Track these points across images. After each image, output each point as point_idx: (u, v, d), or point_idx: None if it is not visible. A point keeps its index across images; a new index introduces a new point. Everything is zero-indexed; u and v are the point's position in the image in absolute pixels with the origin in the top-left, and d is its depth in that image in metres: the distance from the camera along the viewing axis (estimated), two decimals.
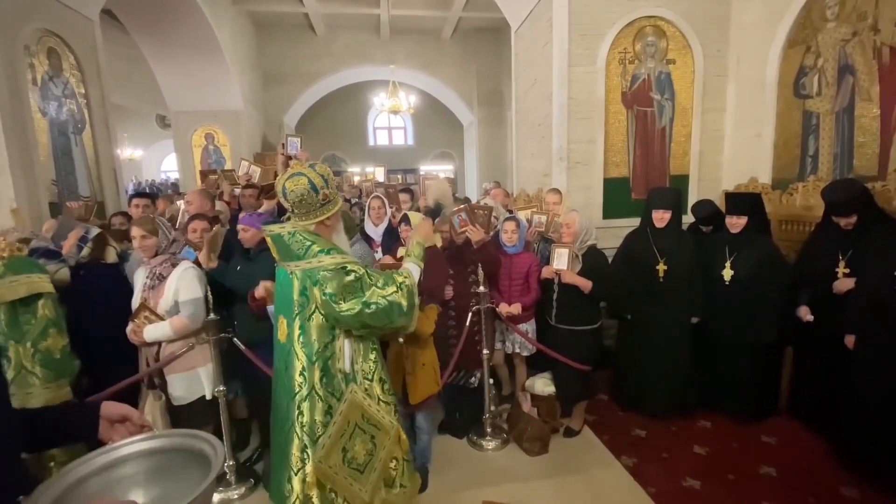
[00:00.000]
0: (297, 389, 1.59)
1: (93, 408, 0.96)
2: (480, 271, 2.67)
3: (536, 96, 4.20)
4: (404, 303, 1.63)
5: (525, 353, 3.03)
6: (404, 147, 13.68)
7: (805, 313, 2.73)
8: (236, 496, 2.43)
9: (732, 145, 3.96)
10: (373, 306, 1.57)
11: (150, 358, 2.35)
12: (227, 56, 6.94)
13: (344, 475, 1.61)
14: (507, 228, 2.97)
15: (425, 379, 2.38)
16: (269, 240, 1.67)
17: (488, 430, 2.83)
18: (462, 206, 2.94)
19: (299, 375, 1.59)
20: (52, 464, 1.98)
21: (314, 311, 1.58)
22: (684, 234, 3.07)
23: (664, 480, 2.47)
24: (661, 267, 2.89)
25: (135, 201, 3.28)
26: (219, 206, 3.47)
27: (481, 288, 2.68)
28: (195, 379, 2.36)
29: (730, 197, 3.01)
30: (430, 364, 2.40)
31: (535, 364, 3.15)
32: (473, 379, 2.79)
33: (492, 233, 3.00)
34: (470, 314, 2.67)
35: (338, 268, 1.56)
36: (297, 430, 1.58)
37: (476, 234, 2.71)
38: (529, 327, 2.99)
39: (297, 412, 1.58)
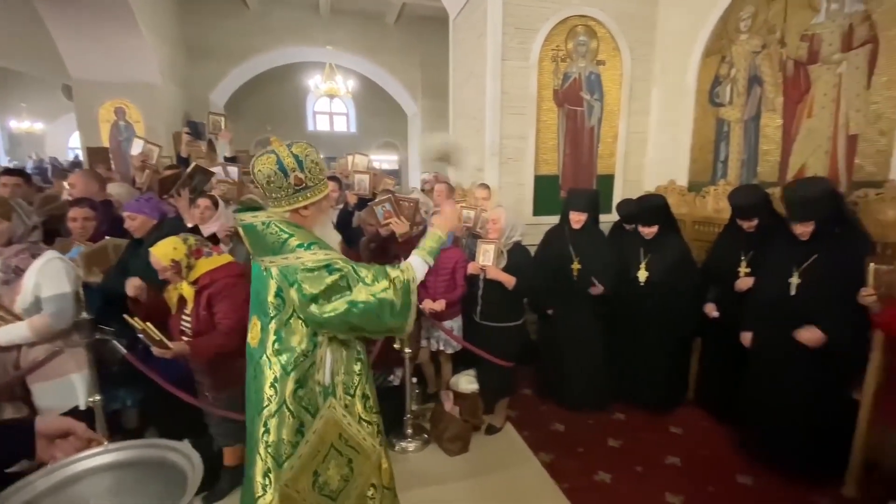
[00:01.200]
0: (265, 403, 1.39)
1: (22, 427, 0.87)
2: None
3: (472, 89, 4.13)
4: (397, 301, 1.37)
5: (450, 351, 2.97)
6: (346, 134, 13.20)
7: (711, 310, 2.89)
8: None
9: (655, 148, 4.12)
10: (360, 305, 1.34)
11: (10, 366, 2.02)
12: (140, 23, 6.24)
13: (312, 502, 1.43)
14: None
15: None
16: (240, 230, 1.43)
17: (409, 431, 2.74)
18: (387, 196, 2.80)
19: (269, 388, 1.39)
20: None
21: (292, 315, 1.38)
22: (600, 235, 3.17)
23: (578, 476, 2.51)
24: (576, 266, 2.95)
25: (2, 179, 2.81)
26: (113, 188, 3.06)
27: None
28: (68, 387, 2.07)
29: (641, 208, 3.10)
30: None
31: (462, 361, 3.10)
32: (393, 377, 2.69)
33: (420, 227, 2.90)
34: None
35: (320, 266, 1.34)
36: (261, 450, 1.39)
37: (400, 227, 2.59)
38: (455, 324, 2.93)
39: (262, 429, 1.39)
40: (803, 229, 2.19)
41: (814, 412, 2.26)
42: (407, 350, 2.61)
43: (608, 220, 3.89)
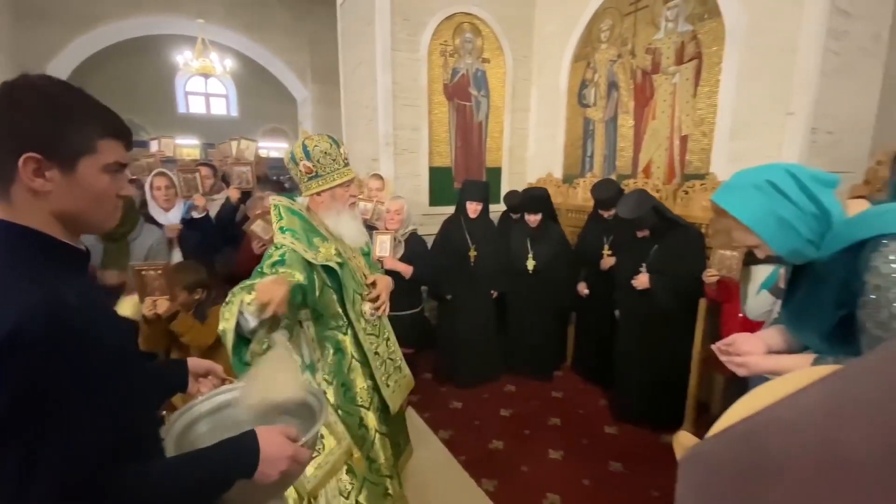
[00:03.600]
0: None
1: (183, 364, 1.09)
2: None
3: (363, 77, 4.07)
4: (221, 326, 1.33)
5: None
6: (226, 118, 12.01)
7: (582, 288, 3.30)
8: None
9: (535, 143, 4.50)
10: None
11: None
12: None
13: None
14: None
15: None
16: None
17: None
18: (261, 211, 2.65)
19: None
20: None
21: None
22: (491, 224, 3.43)
23: (474, 447, 2.70)
24: (473, 253, 3.15)
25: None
26: None
27: None
28: None
29: (527, 200, 3.39)
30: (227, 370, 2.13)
31: None
32: None
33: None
34: None
35: (274, 245, 1.49)
36: None
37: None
38: None
39: None
40: (642, 234, 2.70)
41: (661, 368, 2.74)
42: None
43: (496, 209, 4.18)
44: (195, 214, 2.95)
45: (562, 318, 3.57)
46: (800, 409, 0.42)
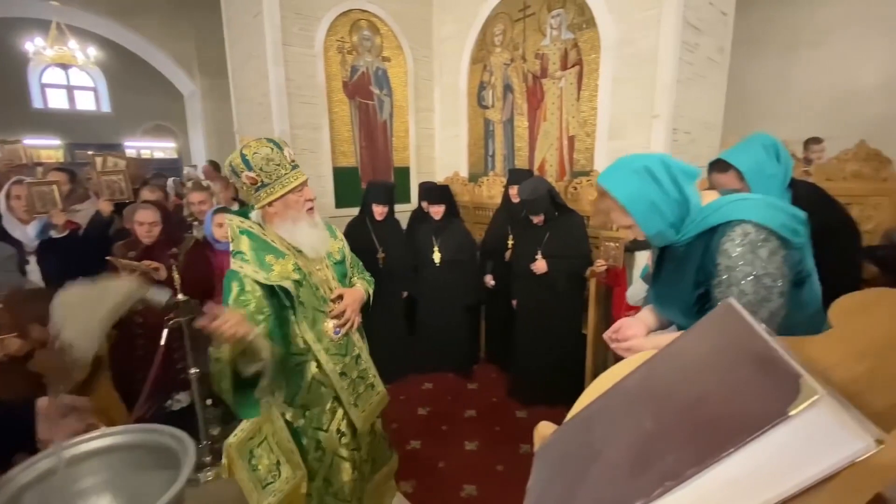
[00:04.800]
0: None
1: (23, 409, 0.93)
2: (176, 274, 2.22)
3: (253, 72, 3.80)
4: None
5: None
6: (96, 114, 10.50)
7: (489, 280, 3.43)
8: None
9: (441, 143, 4.57)
10: None
11: None
12: None
13: (245, 477, 1.52)
14: (221, 221, 2.59)
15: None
16: None
17: (207, 458, 2.44)
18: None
19: None
20: None
21: None
22: (398, 224, 3.44)
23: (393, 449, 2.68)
24: (381, 255, 3.11)
25: None
26: None
27: (179, 296, 2.24)
28: None
29: (426, 190, 3.46)
30: (99, 410, 1.86)
31: None
32: (171, 402, 2.35)
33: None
34: (165, 330, 2.20)
35: (229, 271, 1.42)
36: None
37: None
38: None
39: None
40: (538, 219, 2.87)
41: (559, 350, 2.94)
42: (193, 370, 2.30)
43: (406, 209, 4.18)
44: (54, 234, 2.54)
45: (473, 312, 3.68)
46: (617, 398, 0.47)
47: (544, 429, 0.60)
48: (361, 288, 1.75)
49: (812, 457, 0.29)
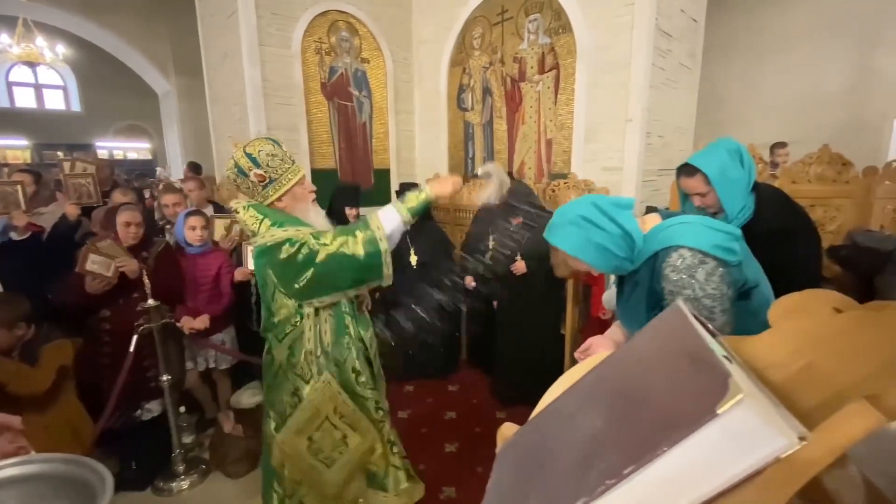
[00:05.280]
0: (268, 368, 1.65)
1: None
2: (146, 280, 2.16)
3: (229, 72, 3.73)
4: (360, 252, 1.47)
5: (224, 367, 2.69)
6: (66, 114, 10.16)
7: (469, 281, 3.43)
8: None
9: (421, 145, 4.57)
10: (321, 267, 1.44)
11: None
12: None
13: (308, 463, 1.60)
14: (194, 224, 2.53)
15: (61, 443, 1.76)
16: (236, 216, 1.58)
17: (180, 467, 2.38)
18: (91, 243, 2.31)
19: (267, 354, 1.65)
20: None
21: (275, 290, 1.53)
22: None
23: None
24: None
25: None
26: None
27: (150, 301, 2.18)
28: None
29: (398, 195, 3.47)
30: (64, 421, 1.81)
31: (245, 375, 2.87)
32: (140, 412, 2.29)
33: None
34: (135, 337, 2.14)
35: (281, 242, 1.43)
36: (269, 410, 1.65)
37: (130, 265, 2.20)
38: (227, 336, 2.66)
39: (266, 390, 1.68)
40: (517, 221, 2.92)
41: (539, 350, 2.97)
42: (165, 377, 2.24)
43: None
44: (14, 236, 2.45)
45: (453, 314, 3.67)
46: (571, 399, 0.48)
47: (507, 430, 0.60)
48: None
49: (740, 453, 0.30)
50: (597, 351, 1.29)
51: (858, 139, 4.88)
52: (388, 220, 1.60)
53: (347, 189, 3.28)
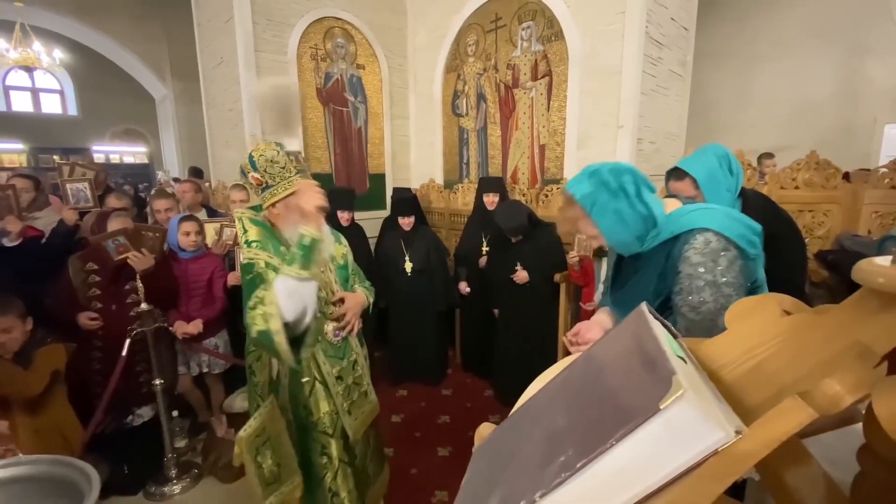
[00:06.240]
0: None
1: None
2: (140, 283, 2.17)
3: (224, 77, 3.76)
4: (259, 325, 1.28)
5: (217, 371, 2.69)
6: (63, 118, 10.14)
7: (463, 287, 3.46)
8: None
9: (416, 150, 4.60)
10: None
11: None
12: None
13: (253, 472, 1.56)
14: (188, 230, 2.54)
15: (50, 448, 1.77)
16: None
17: (172, 472, 2.38)
18: (122, 228, 2.31)
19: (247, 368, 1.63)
20: None
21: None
22: (361, 231, 3.46)
23: None
24: None
25: None
26: None
27: (144, 305, 2.19)
28: None
29: (396, 203, 3.48)
30: (54, 426, 1.81)
31: (239, 379, 2.87)
32: (132, 417, 2.29)
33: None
34: (128, 341, 2.14)
35: (243, 263, 1.39)
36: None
37: (142, 263, 2.19)
38: (220, 340, 2.66)
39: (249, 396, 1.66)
40: (516, 238, 2.94)
41: (538, 354, 2.98)
42: (157, 381, 2.24)
43: (382, 215, 4.19)
44: (6, 242, 2.45)
45: (447, 319, 3.69)
46: (541, 400, 0.50)
47: (484, 430, 0.62)
48: (363, 294, 1.75)
49: (681, 446, 0.32)
50: (587, 336, 1.27)
51: (848, 144, 4.95)
52: (281, 292, 1.31)
53: (341, 192, 3.30)
